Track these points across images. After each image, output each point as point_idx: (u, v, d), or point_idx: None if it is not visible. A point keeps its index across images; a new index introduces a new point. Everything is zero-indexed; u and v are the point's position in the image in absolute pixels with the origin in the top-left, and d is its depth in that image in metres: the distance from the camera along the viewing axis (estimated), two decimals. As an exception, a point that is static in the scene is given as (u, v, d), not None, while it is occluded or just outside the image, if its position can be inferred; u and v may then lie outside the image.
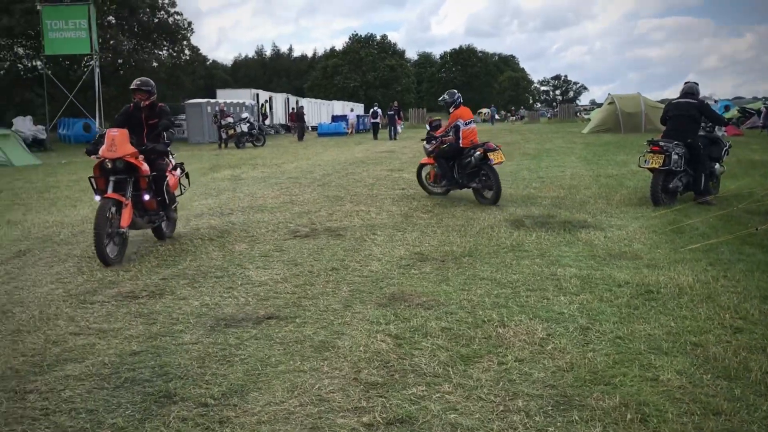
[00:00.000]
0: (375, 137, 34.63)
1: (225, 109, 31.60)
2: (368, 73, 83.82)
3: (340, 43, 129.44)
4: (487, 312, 4.84)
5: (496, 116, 66.98)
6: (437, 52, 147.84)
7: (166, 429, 3.20)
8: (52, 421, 3.32)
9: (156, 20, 46.63)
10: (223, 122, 29.21)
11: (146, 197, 7.19)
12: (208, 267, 6.48)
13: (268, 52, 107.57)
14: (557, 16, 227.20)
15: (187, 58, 50.95)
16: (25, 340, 4.53)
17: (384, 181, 13.56)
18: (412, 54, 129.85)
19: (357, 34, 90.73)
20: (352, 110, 50.13)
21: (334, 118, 47.98)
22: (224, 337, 4.45)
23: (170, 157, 7.97)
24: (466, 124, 10.43)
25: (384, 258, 6.69)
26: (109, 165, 6.73)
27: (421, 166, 11.56)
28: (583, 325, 4.52)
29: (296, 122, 36.84)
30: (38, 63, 40.12)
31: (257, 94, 44.22)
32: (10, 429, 3.24)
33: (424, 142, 11.24)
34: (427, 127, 11.63)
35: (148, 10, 45.00)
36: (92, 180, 7.02)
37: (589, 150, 21.02)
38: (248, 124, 29.48)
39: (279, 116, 47.64)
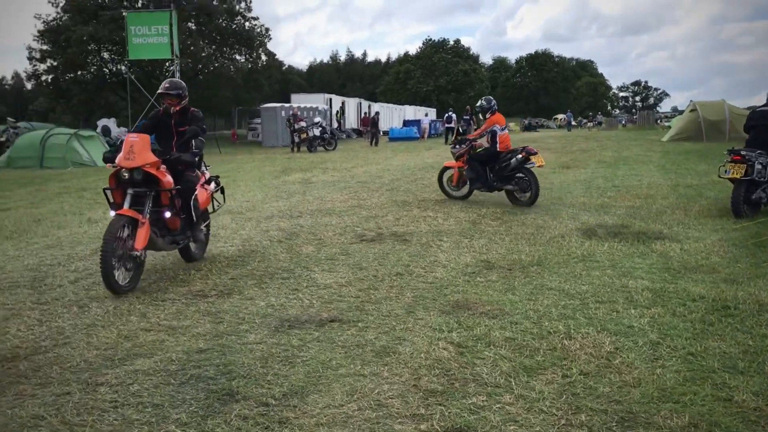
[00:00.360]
0: (447, 142, 34.56)
1: (298, 113, 32.15)
2: (441, 77, 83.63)
3: (413, 48, 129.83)
4: (553, 323, 4.73)
5: (573, 122, 65.66)
6: (512, 56, 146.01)
7: (227, 426, 3.26)
8: (120, 413, 3.43)
9: (234, 26, 47.91)
10: (296, 126, 29.73)
11: (167, 214, 6.27)
12: (276, 268, 6.59)
13: (342, 57, 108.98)
14: (638, 20, 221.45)
15: (264, 63, 52.11)
16: (99, 334, 4.71)
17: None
18: (486, 58, 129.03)
19: (430, 39, 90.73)
20: (426, 115, 50.11)
21: (406, 123, 48.11)
22: (287, 338, 4.51)
23: (204, 168, 7.26)
24: (501, 130, 10.86)
25: (449, 265, 6.63)
26: (126, 175, 5.88)
27: (444, 169, 11.84)
28: (653, 339, 4.35)
29: (370, 128, 37.06)
30: (122, 67, 41.87)
31: (330, 99, 44.83)
32: (81, 419, 3.37)
33: (451, 146, 11.55)
34: (462, 129, 12.15)
35: (225, 15, 46.29)
36: (107, 192, 6.20)
37: (668, 158, 20.31)
38: (320, 129, 29.91)
39: (351, 121, 48.13)
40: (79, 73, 44.32)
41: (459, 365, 3.98)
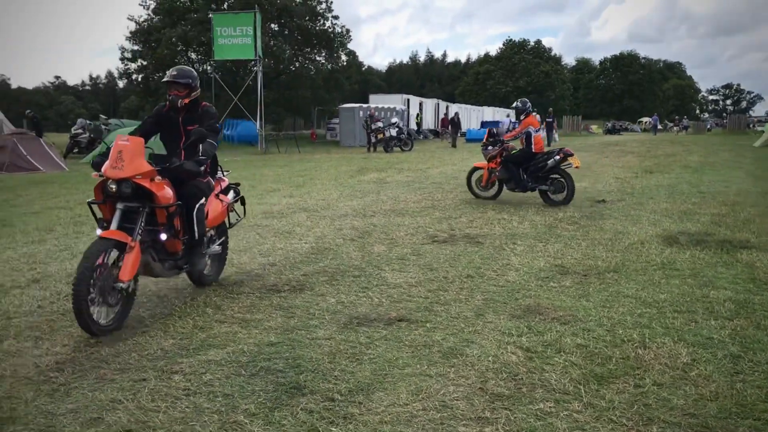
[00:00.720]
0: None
1: (375, 113, 32.36)
2: (521, 78, 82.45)
3: (494, 49, 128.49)
4: (628, 331, 4.58)
5: (659, 125, 63.43)
6: (596, 58, 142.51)
7: (293, 419, 3.32)
8: (192, 401, 3.55)
9: (315, 27, 48.67)
10: (372, 126, 29.94)
11: (163, 237, 5.13)
12: (347, 266, 6.66)
13: (422, 57, 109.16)
14: (731, 20, 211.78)
15: (344, 63, 52.73)
16: (175, 324, 4.88)
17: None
18: (569, 60, 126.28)
19: (511, 39, 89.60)
20: (507, 116, 49.45)
21: (484, 124, 47.68)
22: (356, 336, 4.55)
23: (220, 173, 6.23)
24: (536, 131, 11.22)
25: (522, 268, 6.53)
26: (113, 188, 4.77)
27: (474, 170, 12.12)
28: (734, 352, 4.15)
29: (450, 128, 36.86)
30: (208, 68, 43.23)
31: (408, 100, 44.93)
32: (155, 405, 3.50)
33: (482, 147, 11.75)
34: (497, 129, 12.28)
35: (307, 17, 47.08)
36: (93, 207, 5.05)
37: (759, 165, 19.34)
38: (397, 129, 30.01)
39: (428, 121, 48.09)
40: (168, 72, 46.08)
41: (527, 370, 3.91)
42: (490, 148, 11.49)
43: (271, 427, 3.24)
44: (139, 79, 48.32)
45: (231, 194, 6.27)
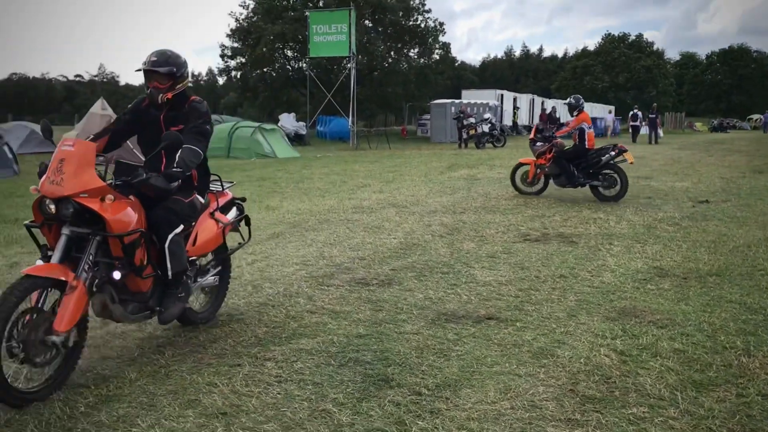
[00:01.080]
0: (634, 140, 33.04)
1: (467, 109, 32.12)
2: (620, 74, 79.63)
3: (592, 43, 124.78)
4: (731, 338, 4.36)
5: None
6: (702, 52, 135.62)
7: (380, 411, 3.35)
8: (283, 388, 3.65)
9: (409, 22, 48.80)
10: (464, 122, 29.74)
11: (116, 275, 3.81)
12: (436, 262, 6.65)
13: (517, 52, 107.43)
14: None
15: (437, 58, 52.62)
16: (269, 312, 5.03)
17: (630, 188, 12.79)
18: (672, 54, 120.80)
19: (610, 33, 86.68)
20: (610, 112, 47.92)
21: (579, 121, 46.38)
22: (443, 332, 4.54)
23: (221, 187, 4.91)
24: (589, 128, 11.28)
25: (618, 270, 6.32)
26: (51, 208, 3.64)
27: (519, 165, 12.16)
28: None
29: (549, 123, 36.09)
30: (303, 65, 44.19)
31: (501, 95, 44.32)
32: (249, 390, 3.62)
33: (530, 142, 11.83)
34: (539, 128, 12.40)
35: (401, 13, 47.28)
36: (31, 229, 3.90)
37: None
38: (489, 125, 29.68)
39: (523, 117, 47.30)
40: (265, 70, 47.42)
41: (620, 373, 3.79)
42: (539, 144, 11.56)
43: (359, 417, 3.28)
44: (238, 76, 50.01)
45: (233, 212, 4.98)
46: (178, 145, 4.00)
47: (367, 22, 46.46)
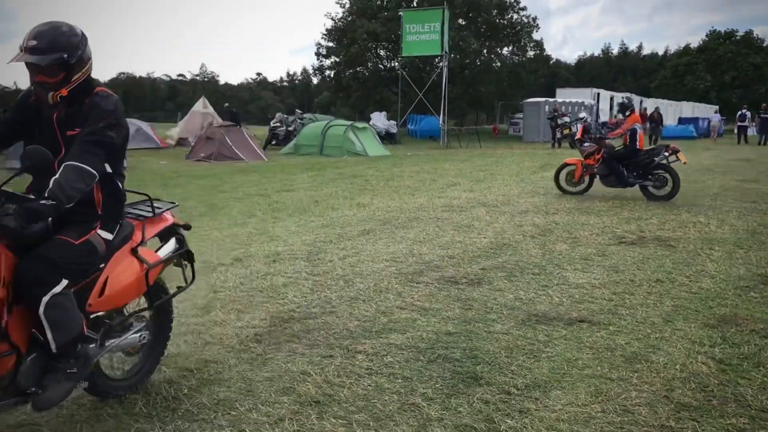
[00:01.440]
0: (739, 141, 31.47)
1: (561, 108, 31.43)
2: (726, 72, 75.67)
3: (696, 40, 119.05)
4: (843, 352, 4.12)
5: None
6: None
7: (469, 407, 3.39)
8: (373, 380, 3.74)
9: (503, 21, 48.21)
10: (558, 121, 29.13)
11: None
12: (527, 263, 6.59)
13: (615, 50, 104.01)
14: None
15: (531, 56, 51.74)
16: (360, 307, 5.15)
17: (732, 192, 12.24)
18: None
19: (715, 30, 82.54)
20: (716, 112, 45.72)
21: (681, 120, 44.51)
22: (533, 333, 4.52)
23: (154, 210, 3.67)
24: (640, 128, 11.54)
25: (718, 276, 6.07)
26: None
27: (564, 166, 12.20)
28: None
29: (650, 124, 34.81)
30: (395, 64, 44.49)
31: (597, 94, 43.09)
32: (341, 381, 3.74)
33: (577, 142, 12.04)
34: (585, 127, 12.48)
35: (495, 11, 46.78)
36: None
37: None
38: (584, 124, 28.91)
39: (620, 116, 45.79)
40: (358, 69, 48.09)
41: (719, 382, 3.66)
42: (586, 144, 11.72)
43: (448, 413, 3.33)
44: (332, 76, 50.94)
45: (170, 245, 3.76)
46: (46, 165, 2.82)
47: (460, 20, 46.23)
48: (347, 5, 47.63)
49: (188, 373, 3.86)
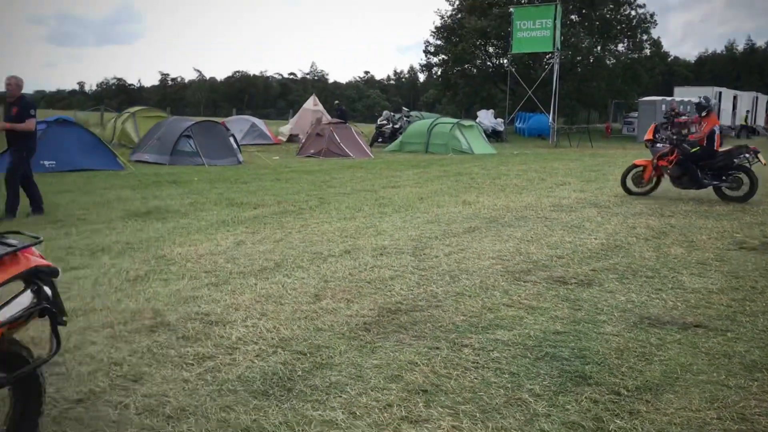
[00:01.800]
0: None
1: (679, 107, 30.00)
2: None
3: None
4: None
5: None
6: None
7: (577, 405, 3.37)
8: (480, 374, 3.79)
9: (619, 16, 46.53)
10: (675, 121, 27.81)
11: None
12: (639, 266, 6.40)
13: (740, 46, 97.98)
14: None
15: (647, 53, 49.66)
16: (466, 302, 5.20)
17: None
18: None
19: None
20: None
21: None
22: (645, 335, 4.41)
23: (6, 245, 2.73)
24: (719, 130, 11.19)
25: None
26: None
27: (632, 167, 12.04)
28: None
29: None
30: (504, 61, 43.93)
31: (719, 93, 40.82)
32: (447, 372, 3.81)
33: (648, 143, 12.01)
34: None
35: (611, 6, 45.22)
36: None
37: None
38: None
39: (741, 117, 43.18)
40: (466, 66, 47.83)
41: None
42: (659, 145, 11.68)
43: (555, 410, 3.33)
44: (439, 73, 50.94)
45: (23, 299, 2.73)
46: None
47: (573, 16, 45.03)
48: (456, 3, 47.49)
49: (301, 356, 4.05)
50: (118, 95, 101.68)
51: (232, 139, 18.96)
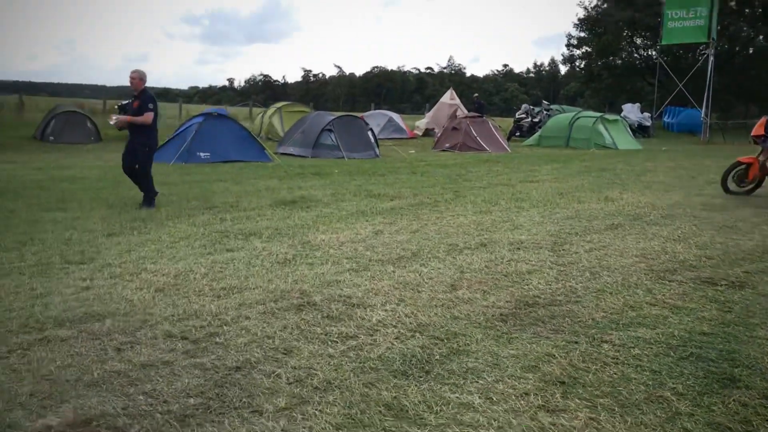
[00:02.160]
0: None
1: None
2: None
3: None
4: None
5: None
6: None
7: (723, 407, 3.25)
8: (619, 369, 3.73)
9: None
10: None
11: None
12: None
13: None
14: None
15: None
16: (606, 299, 5.09)
17: None
18: None
19: None
20: None
21: None
22: (804, 342, 4.14)
23: None
24: None
25: None
26: None
27: (735, 164, 11.32)
28: None
29: None
30: (653, 52, 41.75)
31: None
32: (585, 366, 3.78)
33: (759, 139, 11.02)
34: None
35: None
36: None
37: None
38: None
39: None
40: (610, 58, 45.98)
41: None
42: (760, 144, 10.95)
43: (699, 410, 3.23)
44: (582, 66, 49.34)
45: None
46: None
47: (732, 3, 41.92)
48: (601, -7, 45.75)
49: (439, 341, 4.16)
50: (264, 91, 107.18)
51: (370, 134, 19.44)
